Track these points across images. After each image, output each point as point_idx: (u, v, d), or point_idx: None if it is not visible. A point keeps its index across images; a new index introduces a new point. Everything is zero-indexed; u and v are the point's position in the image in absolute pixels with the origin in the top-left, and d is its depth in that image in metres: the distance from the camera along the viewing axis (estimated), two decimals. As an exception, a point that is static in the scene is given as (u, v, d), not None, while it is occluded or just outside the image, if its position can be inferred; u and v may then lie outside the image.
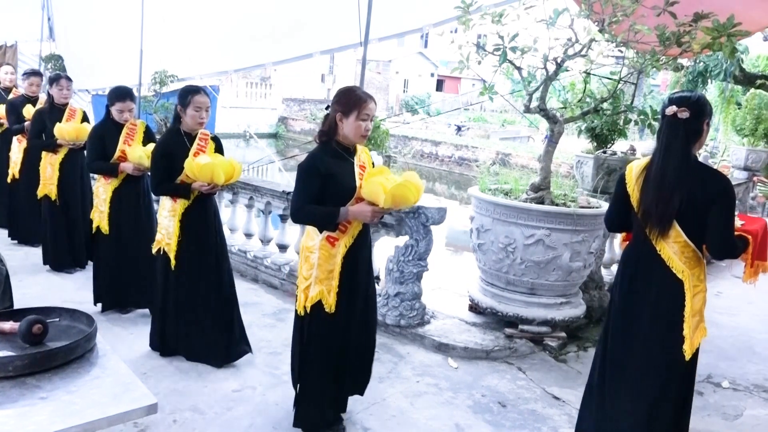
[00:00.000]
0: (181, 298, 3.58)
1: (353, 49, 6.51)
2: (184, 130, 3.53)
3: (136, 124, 4.25)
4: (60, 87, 5.00)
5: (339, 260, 2.74)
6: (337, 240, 2.74)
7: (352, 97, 2.69)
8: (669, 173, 2.52)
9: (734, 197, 2.59)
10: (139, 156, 4.02)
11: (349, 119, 2.66)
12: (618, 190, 2.77)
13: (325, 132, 2.75)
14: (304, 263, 2.82)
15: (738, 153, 9.16)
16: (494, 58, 3.94)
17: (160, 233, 3.60)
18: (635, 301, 2.68)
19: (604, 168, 4.97)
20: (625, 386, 2.71)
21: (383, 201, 2.56)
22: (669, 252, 2.57)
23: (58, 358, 1.90)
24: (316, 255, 2.76)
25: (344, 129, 2.69)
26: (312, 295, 2.76)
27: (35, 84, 5.73)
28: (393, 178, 2.66)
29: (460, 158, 24.04)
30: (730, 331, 4.87)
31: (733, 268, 6.77)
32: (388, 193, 2.54)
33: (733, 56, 3.32)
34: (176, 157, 3.44)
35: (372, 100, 2.72)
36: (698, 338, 2.60)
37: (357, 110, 2.66)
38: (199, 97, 3.46)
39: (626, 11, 3.52)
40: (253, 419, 3.10)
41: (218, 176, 3.37)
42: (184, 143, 3.52)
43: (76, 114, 5.13)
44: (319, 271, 2.75)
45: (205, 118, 3.50)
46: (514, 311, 4.18)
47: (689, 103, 2.52)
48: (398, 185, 2.57)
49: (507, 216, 4.05)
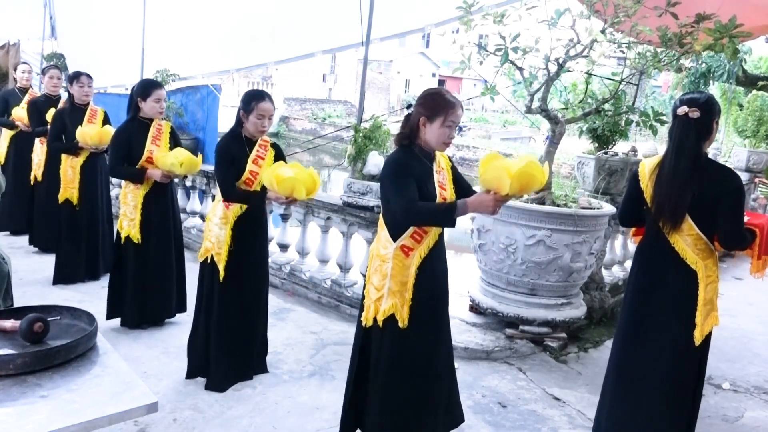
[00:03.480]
0: (222, 312, 3.37)
1: (355, 49, 6.51)
2: (245, 135, 3.35)
3: (161, 124, 4.03)
4: (81, 84, 4.81)
5: (413, 271, 2.54)
6: (411, 250, 2.54)
7: (439, 101, 2.48)
8: (681, 170, 2.64)
9: (744, 192, 2.74)
10: (171, 164, 3.78)
11: (433, 124, 2.47)
12: (631, 186, 2.90)
13: (406, 135, 2.54)
14: (375, 273, 2.61)
15: (739, 154, 9.14)
16: (496, 58, 3.94)
17: (210, 241, 3.37)
18: (650, 292, 2.80)
19: (605, 169, 4.97)
20: (639, 374, 2.82)
21: (509, 186, 2.27)
22: (683, 244, 2.70)
23: (58, 356, 1.90)
24: (390, 265, 2.54)
25: (426, 134, 2.49)
26: (385, 308, 2.55)
27: (55, 77, 5.52)
28: (510, 161, 2.38)
29: (461, 158, 24.04)
30: (731, 333, 4.87)
31: (734, 269, 6.76)
32: (514, 177, 2.26)
33: (736, 57, 3.33)
34: (238, 162, 3.31)
35: (460, 106, 2.51)
36: (709, 326, 2.73)
37: (444, 116, 2.46)
38: (264, 104, 3.25)
39: (628, 12, 3.52)
40: (252, 418, 3.10)
41: (299, 192, 3.12)
42: (245, 148, 3.34)
43: (98, 114, 4.93)
44: (392, 282, 2.54)
45: (267, 126, 3.32)
46: (514, 312, 4.18)
47: (699, 103, 2.65)
48: (525, 166, 2.28)
49: (508, 216, 4.05)
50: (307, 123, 30.64)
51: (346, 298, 4.70)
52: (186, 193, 6.49)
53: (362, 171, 4.54)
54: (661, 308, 2.77)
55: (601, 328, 4.65)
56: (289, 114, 31.62)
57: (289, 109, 31.92)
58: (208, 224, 3.44)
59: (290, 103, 32.09)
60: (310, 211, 5.05)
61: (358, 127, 4.59)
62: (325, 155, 23.65)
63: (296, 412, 3.20)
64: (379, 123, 4.62)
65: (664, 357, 2.76)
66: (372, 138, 4.57)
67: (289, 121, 31.26)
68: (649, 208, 2.78)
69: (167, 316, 4.18)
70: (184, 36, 7.15)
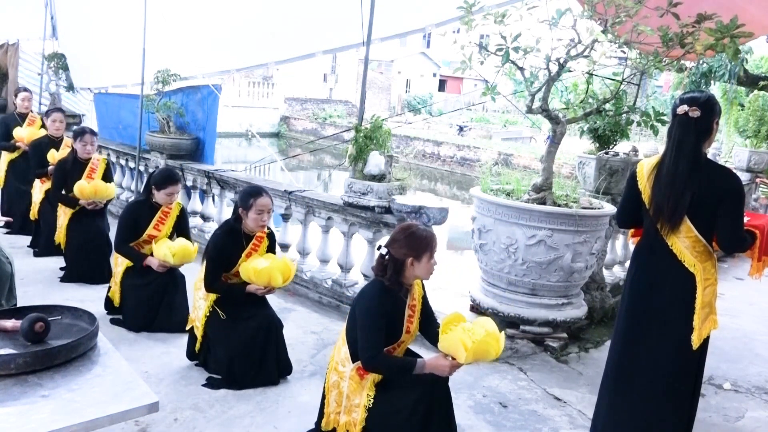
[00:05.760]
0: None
1: (356, 49, 6.51)
2: (244, 230, 3.43)
3: (170, 209, 4.18)
4: (84, 143, 4.94)
5: (365, 394, 2.61)
6: (366, 374, 2.62)
7: (422, 240, 2.61)
8: (680, 170, 2.60)
9: (743, 193, 2.69)
10: (164, 254, 3.95)
11: (421, 262, 2.60)
12: (629, 187, 2.85)
13: (391, 276, 2.61)
14: (334, 387, 2.71)
15: (740, 154, 9.13)
16: (497, 58, 3.93)
17: (194, 312, 3.57)
18: (647, 294, 2.77)
19: (606, 169, 4.97)
20: (637, 377, 2.80)
21: (464, 358, 2.44)
22: (681, 246, 2.66)
23: (59, 356, 1.91)
24: (345, 384, 2.65)
25: (415, 271, 2.62)
26: (342, 422, 2.66)
27: (58, 120, 5.61)
28: (468, 327, 2.54)
29: (462, 158, 24.05)
30: (732, 333, 4.86)
31: (734, 269, 6.76)
32: (470, 351, 2.43)
33: (737, 58, 3.32)
34: (231, 257, 3.39)
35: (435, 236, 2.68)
36: (707, 329, 2.69)
37: (430, 251, 2.61)
38: (262, 199, 3.34)
39: (629, 12, 3.52)
40: (253, 418, 3.10)
41: (276, 280, 3.30)
42: (241, 243, 3.43)
43: (98, 169, 5.03)
44: (347, 401, 2.64)
45: (266, 220, 3.38)
46: (515, 312, 4.17)
47: (699, 102, 2.61)
48: (479, 342, 2.45)
49: (509, 216, 4.05)
50: (308, 123, 30.63)
51: (346, 298, 4.70)
52: (187, 193, 6.49)
53: (363, 171, 4.54)
54: (658, 311, 2.74)
55: (602, 328, 4.65)
56: (290, 114, 31.62)
57: (290, 109, 31.92)
58: (195, 294, 3.58)
59: (291, 103, 32.08)
60: (311, 211, 5.06)
61: (359, 127, 4.60)
62: (326, 155, 23.66)
63: (297, 411, 3.20)
64: (379, 123, 4.62)
65: (661, 359, 2.74)
66: (373, 138, 4.57)
67: (289, 121, 31.27)
68: (647, 209, 2.74)
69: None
70: (185, 36, 7.15)
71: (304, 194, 5.10)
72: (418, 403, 2.56)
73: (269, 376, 3.44)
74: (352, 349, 2.65)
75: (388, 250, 2.62)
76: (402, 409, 2.57)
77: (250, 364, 3.39)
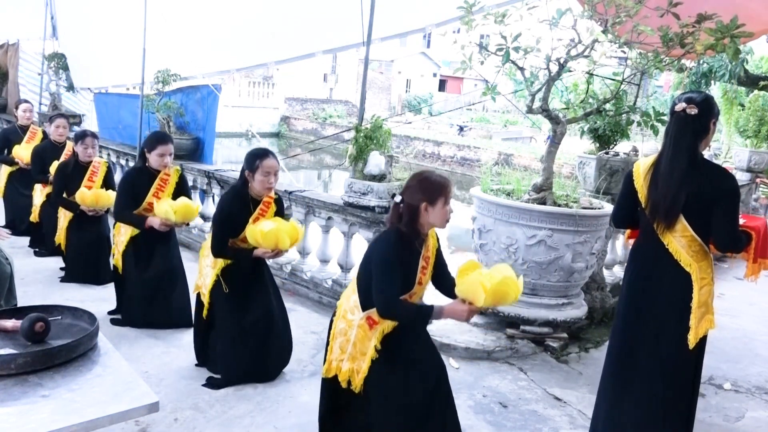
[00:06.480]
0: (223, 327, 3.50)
1: (356, 49, 6.51)
2: (252, 195, 3.36)
3: (169, 175, 4.11)
4: (85, 146, 4.89)
5: (372, 345, 2.57)
6: (376, 324, 2.57)
7: (436, 185, 2.54)
8: (677, 169, 2.60)
9: (739, 194, 2.68)
10: (165, 211, 3.84)
11: (436, 207, 2.52)
12: (625, 187, 2.85)
13: (406, 222, 2.54)
14: (340, 334, 2.66)
15: (741, 154, 9.13)
16: (497, 58, 3.93)
17: (200, 279, 3.54)
18: (643, 294, 2.77)
19: (606, 169, 4.97)
20: (635, 376, 2.80)
21: (483, 300, 2.37)
22: (676, 246, 2.66)
23: (59, 356, 1.91)
24: (353, 332, 2.60)
25: (429, 217, 2.54)
26: (345, 369, 2.63)
27: (62, 126, 5.59)
28: (486, 273, 2.47)
29: (462, 158, 24.04)
30: (732, 333, 4.86)
31: (734, 269, 6.76)
32: (489, 292, 2.37)
33: (737, 58, 3.32)
34: (238, 222, 3.32)
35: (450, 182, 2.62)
36: (703, 329, 2.69)
37: (444, 196, 2.53)
38: (269, 160, 3.26)
39: (629, 12, 3.52)
40: (253, 418, 3.11)
41: (283, 242, 3.23)
42: (249, 207, 3.35)
43: (99, 173, 4.99)
44: (353, 348, 2.60)
45: (273, 182, 3.31)
46: (515, 312, 4.17)
47: (697, 101, 2.62)
48: (498, 283, 2.38)
49: (509, 216, 4.05)
50: (308, 123, 30.63)
51: (347, 298, 4.70)
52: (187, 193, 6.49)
53: (363, 171, 4.54)
54: (655, 311, 2.74)
55: (602, 328, 4.65)
56: (290, 114, 31.62)
57: (290, 109, 31.91)
58: (202, 261, 3.54)
59: (291, 103, 32.07)
60: (311, 211, 5.06)
61: (359, 127, 4.59)
62: (326, 155, 23.66)
63: (297, 411, 3.20)
64: (379, 123, 4.62)
65: (659, 359, 2.73)
66: (373, 138, 4.57)
67: (290, 121, 31.26)
68: (643, 208, 2.74)
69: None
70: (185, 36, 7.15)
71: (304, 194, 5.11)
72: (421, 382, 2.57)
73: (270, 367, 3.52)
74: (363, 297, 2.58)
75: (402, 197, 2.57)
76: (402, 385, 2.57)
77: (249, 355, 3.42)
